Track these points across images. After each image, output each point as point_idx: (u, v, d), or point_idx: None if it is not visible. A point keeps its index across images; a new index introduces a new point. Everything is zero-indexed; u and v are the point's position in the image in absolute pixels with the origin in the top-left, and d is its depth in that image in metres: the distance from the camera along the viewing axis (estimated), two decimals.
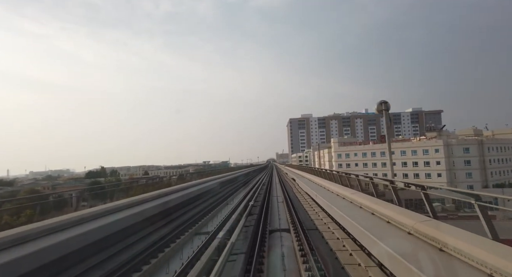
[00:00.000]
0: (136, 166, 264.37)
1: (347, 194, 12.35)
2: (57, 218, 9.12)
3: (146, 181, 23.80)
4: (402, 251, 5.15)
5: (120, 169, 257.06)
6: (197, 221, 14.65)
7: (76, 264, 8.09)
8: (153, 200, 14.80)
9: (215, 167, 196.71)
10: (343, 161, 79.34)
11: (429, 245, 5.32)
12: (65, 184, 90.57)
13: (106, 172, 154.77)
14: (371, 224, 7.54)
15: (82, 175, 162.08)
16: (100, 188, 17.55)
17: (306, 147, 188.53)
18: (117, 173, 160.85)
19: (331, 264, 7.87)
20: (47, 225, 8.19)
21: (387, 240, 5.93)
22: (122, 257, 9.05)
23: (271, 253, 9.57)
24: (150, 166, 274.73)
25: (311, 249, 9.00)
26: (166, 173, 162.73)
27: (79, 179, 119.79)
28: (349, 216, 8.95)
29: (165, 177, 30.04)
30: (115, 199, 14.03)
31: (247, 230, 12.65)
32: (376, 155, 72.86)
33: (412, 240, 5.82)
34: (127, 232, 11.00)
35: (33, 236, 7.46)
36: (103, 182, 65.35)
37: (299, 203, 21.71)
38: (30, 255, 6.63)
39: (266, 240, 11.06)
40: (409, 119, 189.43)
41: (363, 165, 75.14)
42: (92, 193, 14.30)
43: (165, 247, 10.26)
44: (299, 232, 11.33)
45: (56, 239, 7.72)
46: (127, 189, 17.45)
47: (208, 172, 43.28)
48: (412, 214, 7.10)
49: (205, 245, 9.96)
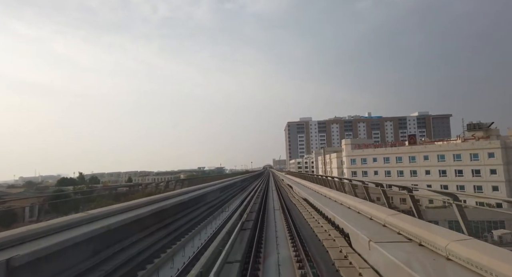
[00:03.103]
0: (126, 172, 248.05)
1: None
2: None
3: (128, 188, 22.03)
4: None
5: (110, 175, 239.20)
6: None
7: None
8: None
9: (209, 173, 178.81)
10: (358, 167, 61.10)
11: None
12: (21, 194, 72.68)
13: (85, 179, 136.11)
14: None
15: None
16: (55, 197, 15.11)
17: (305, 152, 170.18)
18: (97, 179, 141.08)
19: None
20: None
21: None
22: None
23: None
24: (141, 172, 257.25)
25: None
26: (154, 180, 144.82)
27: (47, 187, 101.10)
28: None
29: (150, 184, 25.09)
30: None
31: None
32: (403, 161, 54.79)
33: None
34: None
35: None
36: (70, 190, 49.68)
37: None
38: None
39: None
40: (415, 124, 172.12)
41: (385, 173, 57.12)
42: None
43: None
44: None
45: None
46: (86, 201, 14.58)
47: (200, 179, 37.12)
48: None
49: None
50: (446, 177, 49.56)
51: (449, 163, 49.31)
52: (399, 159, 55.45)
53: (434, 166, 50.87)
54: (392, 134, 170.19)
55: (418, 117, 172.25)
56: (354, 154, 61.43)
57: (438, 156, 50.42)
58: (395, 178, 55.26)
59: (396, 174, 55.54)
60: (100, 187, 75.29)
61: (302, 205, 19.20)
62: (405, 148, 54.95)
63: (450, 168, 49.23)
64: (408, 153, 53.96)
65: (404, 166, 54.69)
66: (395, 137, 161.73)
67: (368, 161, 59.73)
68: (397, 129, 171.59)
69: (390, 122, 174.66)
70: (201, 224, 15.75)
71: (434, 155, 50.85)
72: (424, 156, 51.96)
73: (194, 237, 13.35)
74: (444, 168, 49.94)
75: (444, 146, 50.55)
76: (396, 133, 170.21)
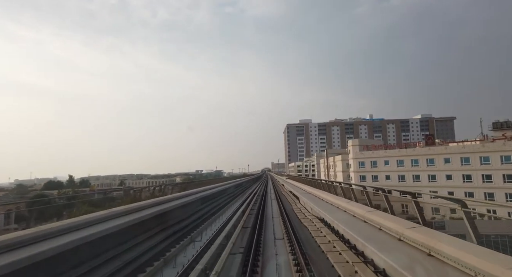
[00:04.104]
0: (122, 175, 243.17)
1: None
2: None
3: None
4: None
5: (106, 177, 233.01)
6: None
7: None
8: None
9: (206, 176, 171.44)
10: (367, 171, 53.93)
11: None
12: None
13: (75, 182, 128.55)
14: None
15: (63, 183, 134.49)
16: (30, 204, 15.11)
17: (305, 155, 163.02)
18: (88, 183, 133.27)
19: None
20: None
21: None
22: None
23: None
24: (138, 175, 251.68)
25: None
26: (148, 183, 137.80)
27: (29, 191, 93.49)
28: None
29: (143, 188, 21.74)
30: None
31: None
32: (420, 164, 47.71)
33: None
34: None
35: None
36: (53, 196, 42.97)
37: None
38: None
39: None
40: (418, 127, 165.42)
41: (399, 178, 50.03)
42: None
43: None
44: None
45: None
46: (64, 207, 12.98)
47: (195, 183, 34.63)
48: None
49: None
50: (472, 183, 42.49)
51: (474, 167, 42.22)
52: (415, 161, 48.28)
53: (456, 170, 43.79)
54: (395, 137, 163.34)
55: (421, 119, 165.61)
56: (363, 156, 54.25)
57: (462, 159, 43.37)
58: (410, 183, 48.17)
59: (412, 179, 48.39)
60: (88, 191, 68.38)
61: (318, 229, 12.14)
62: (422, 150, 47.76)
63: (477, 172, 42.17)
64: (426, 155, 46.84)
65: (421, 170, 47.55)
66: (397, 140, 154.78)
67: (378, 164, 52.52)
68: (400, 132, 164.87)
69: (392, 125, 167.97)
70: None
71: (456, 157, 43.80)
72: (445, 158, 44.90)
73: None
74: (468, 172, 42.86)
75: (469, 147, 43.45)
76: (398, 135, 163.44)
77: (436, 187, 44.68)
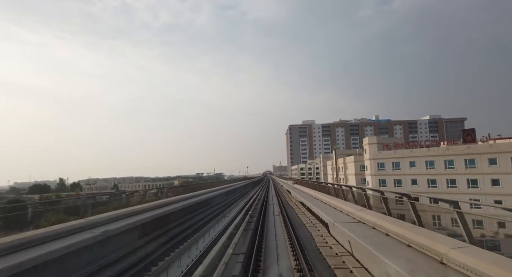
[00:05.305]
0: (121, 178, 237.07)
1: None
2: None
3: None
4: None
5: (104, 180, 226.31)
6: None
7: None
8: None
9: (205, 179, 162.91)
10: (388, 174, 44.59)
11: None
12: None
13: (65, 185, 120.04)
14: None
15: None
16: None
17: (308, 158, 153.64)
18: (79, 186, 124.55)
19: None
20: None
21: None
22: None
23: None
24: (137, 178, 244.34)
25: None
26: (144, 186, 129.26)
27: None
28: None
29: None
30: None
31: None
32: (456, 166, 38.50)
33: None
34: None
35: None
36: (33, 200, 34.79)
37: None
38: None
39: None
40: (426, 128, 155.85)
41: (429, 182, 40.83)
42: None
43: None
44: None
45: None
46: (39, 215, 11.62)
47: (192, 187, 31.47)
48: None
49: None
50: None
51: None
52: (449, 163, 39.00)
53: (505, 173, 34.55)
54: (402, 138, 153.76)
55: (429, 120, 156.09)
56: (383, 156, 44.97)
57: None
58: (444, 189, 38.91)
59: (445, 184, 39.03)
60: (74, 195, 59.60)
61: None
62: (459, 148, 38.48)
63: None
64: (464, 154, 37.59)
65: (457, 173, 38.21)
66: (405, 142, 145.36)
67: (402, 166, 43.22)
68: (407, 133, 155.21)
69: (399, 126, 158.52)
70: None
71: (506, 157, 34.56)
72: (490, 159, 35.65)
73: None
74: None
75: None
76: (406, 137, 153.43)
77: (479, 195, 35.39)
